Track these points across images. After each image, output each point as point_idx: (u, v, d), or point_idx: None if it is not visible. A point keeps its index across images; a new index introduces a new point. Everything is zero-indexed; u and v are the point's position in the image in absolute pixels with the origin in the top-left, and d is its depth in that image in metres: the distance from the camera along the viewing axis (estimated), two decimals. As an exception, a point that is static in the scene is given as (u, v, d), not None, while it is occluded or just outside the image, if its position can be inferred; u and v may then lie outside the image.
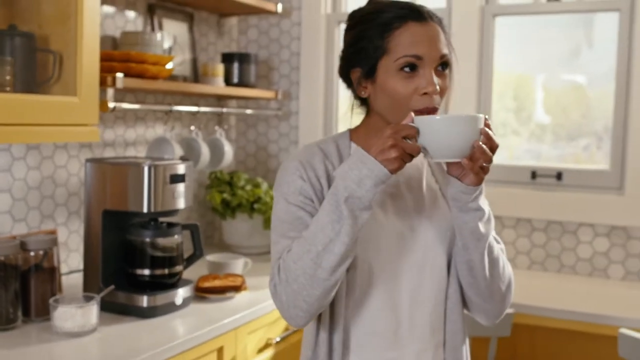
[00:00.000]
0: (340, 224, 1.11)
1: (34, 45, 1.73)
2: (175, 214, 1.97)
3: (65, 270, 2.17)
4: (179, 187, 1.93)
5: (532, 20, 2.69)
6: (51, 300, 1.70)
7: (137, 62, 2.09)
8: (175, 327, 1.80)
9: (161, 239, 1.91)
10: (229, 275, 2.15)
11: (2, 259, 1.70)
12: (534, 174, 2.65)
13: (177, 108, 2.38)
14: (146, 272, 1.89)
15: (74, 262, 2.22)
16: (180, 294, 1.92)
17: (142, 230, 1.90)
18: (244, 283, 2.11)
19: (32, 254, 1.78)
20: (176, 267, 1.94)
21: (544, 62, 2.75)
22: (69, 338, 1.66)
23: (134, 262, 1.90)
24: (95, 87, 1.77)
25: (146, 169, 1.84)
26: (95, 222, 1.90)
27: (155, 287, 1.89)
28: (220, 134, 2.65)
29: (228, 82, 2.68)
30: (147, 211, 1.86)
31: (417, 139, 1.11)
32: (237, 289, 2.07)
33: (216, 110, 2.63)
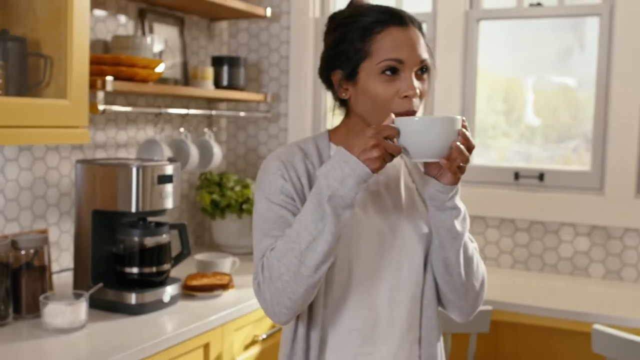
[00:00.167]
0: (323, 222, 1.14)
1: (25, 49, 1.77)
2: (163, 214, 2.02)
3: (57, 269, 2.22)
4: (166, 188, 1.98)
5: (523, 23, 2.74)
6: (41, 298, 1.75)
7: (127, 65, 2.14)
8: (162, 324, 1.85)
9: (149, 238, 1.96)
10: (216, 274, 2.20)
11: (-6, 257, 1.75)
12: (517, 175, 2.70)
13: (166, 110, 2.44)
14: (135, 270, 1.94)
15: (65, 261, 2.27)
16: (168, 292, 1.97)
17: (131, 229, 1.95)
18: (231, 281, 2.16)
19: (23, 252, 1.83)
20: (164, 266, 1.99)
21: (534, 65, 2.79)
22: (58, 334, 1.71)
23: (122, 261, 1.95)
24: (85, 90, 1.82)
25: (134, 169, 1.89)
26: (85, 221, 1.95)
27: (144, 284, 1.94)
28: (209, 135, 2.70)
29: (218, 85, 2.74)
30: (135, 211, 1.91)
31: (397, 139, 1.15)
32: (225, 287, 2.12)
33: (206, 113, 2.68)
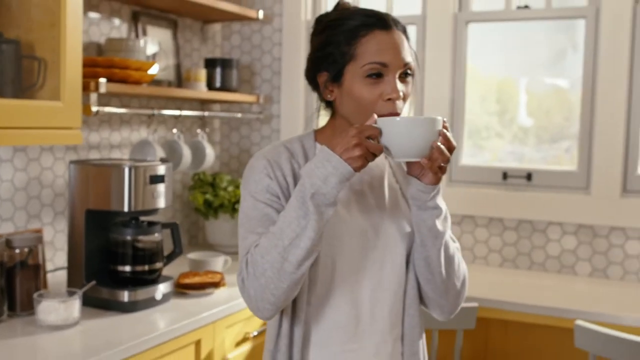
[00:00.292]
0: (306, 219, 1.16)
1: (19, 52, 1.81)
2: (155, 213, 2.06)
3: (51, 268, 2.26)
4: (158, 187, 2.02)
5: (516, 25, 2.77)
6: (35, 295, 1.79)
7: (120, 67, 2.18)
8: (154, 321, 1.89)
9: (142, 236, 2.00)
10: (208, 273, 2.24)
11: (-11, 255, 1.79)
12: (505, 175, 2.75)
13: (159, 112, 2.47)
14: (127, 268, 1.98)
15: (60, 260, 2.31)
16: (161, 290, 2.01)
17: (124, 228, 1.99)
18: (222, 279, 2.20)
19: (17, 251, 1.87)
20: (156, 264, 2.03)
21: (527, 66, 2.82)
22: (52, 331, 1.75)
23: (115, 259, 1.99)
24: (78, 92, 1.85)
25: (127, 170, 1.93)
26: (79, 221, 1.99)
27: (136, 282, 1.98)
28: (202, 136, 2.74)
29: (211, 86, 2.78)
30: (128, 210, 1.94)
31: (379, 139, 1.18)
32: (216, 285, 2.16)
33: (199, 114, 2.72)
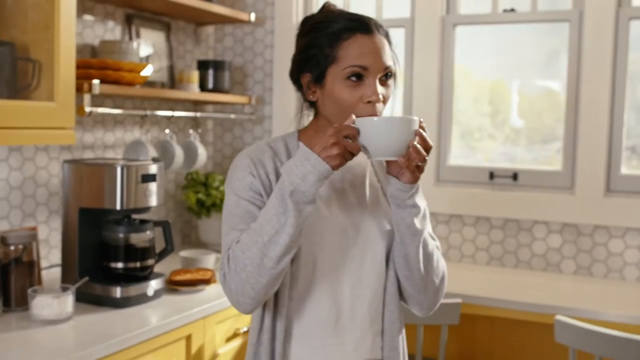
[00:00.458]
0: (285, 216, 1.19)
1: (14, 53, 1.85)
2: (147, 211, 2.11)
3: (46, 265, 2.30)
4: (150, 186, 2.07)
5: (508, 27, 2.81)
6: (29, 290, 1.84)
7: (113, 69, 2.23)
8: (146, 316, 1.93)
9: (134, 234, 2.04)
10: (200, 270, 2.29)
11: (-16, 252, 1.83)
12: (492, 175, 2.80)
13: (152, 113, 2.52)
14: (120, 265, 2.03)
15: (54, 257, 2.35)
16: (152, 286, 2.06)
17: (116, 226, 2.04)
18: (213, 276, 2.25)
19: (12, 248, 1.92)
20: (148, 261, 2.08)
21: (519, 68, 2.87)
22: (45, 325, 1.80)
23: (108, 256, 2.04)
24: (72, 93, 1.90)
25: (119, 169, 1.98)
26: (73, 219, 2.04)
27: (129, 279, 2.03)
28: (194, 137, 2.79)
29: (203, 88, 2.83)
30: (120, 208, 2.00)
31: (357, 138, 1.21)
32: (207, 282, 2.21)
33: (191, 115, 2.77)
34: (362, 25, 1.30)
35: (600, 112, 2.59)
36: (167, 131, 2.68)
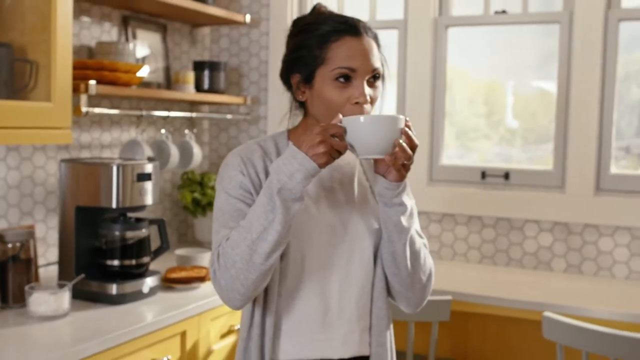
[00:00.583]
0: (273, 213, 1.21)
1: (12, 54, 1.89)
2: (142, 210, 2.14)
3: (43, 263, 2.34)
4: (146, 185, 2.10)
5: (504, 28, 2.85)
6: (27, 287, 1.87)
7: (110, 70, 2.26)
8: (141, 313, 1.97)
9: (129, 232, 2.08)
10: (195, 268, 2.33)
11: (-18, 249, 1.86)
12: (483, 174, 2.84)
13: (148, 113, 2.56)
14: (116, 262, 2.06)
15: (52, 255, 2.39)
16: (148, 283, 2.09)
17: (112, 224, 2.08)
18: (208, 274, 2.28)
19: (9, 245, 1.95)
20: (143, 258, 2.11)
21: (514, 69, 2.90)
22: (42, 321, 1.83)
23: (104, 254, 2.07)
24: (69, 94, 1.94)
25: (115, 168, 2.02)
26: (69, 217, 2.07)
27: (124, 276, 2.06)
28: (190, 137, 2.82)
29: (199, 88, 2.86)
30: (116, 207, 2.03)
31: (344, 137, 1.24)
32: (202, 279, 2.24)
33: (187, 115, 2.81)
34: (351, 28, 1.32)
35: (590, 112, 2.62)
36: (163, 131, 2.71)
